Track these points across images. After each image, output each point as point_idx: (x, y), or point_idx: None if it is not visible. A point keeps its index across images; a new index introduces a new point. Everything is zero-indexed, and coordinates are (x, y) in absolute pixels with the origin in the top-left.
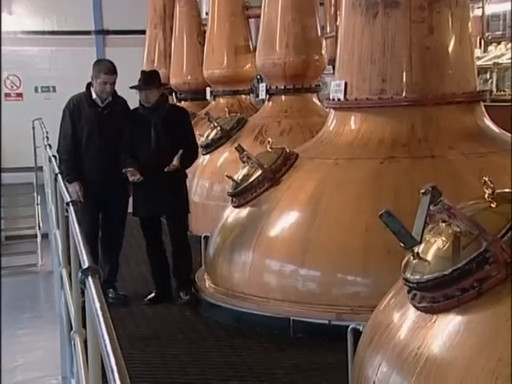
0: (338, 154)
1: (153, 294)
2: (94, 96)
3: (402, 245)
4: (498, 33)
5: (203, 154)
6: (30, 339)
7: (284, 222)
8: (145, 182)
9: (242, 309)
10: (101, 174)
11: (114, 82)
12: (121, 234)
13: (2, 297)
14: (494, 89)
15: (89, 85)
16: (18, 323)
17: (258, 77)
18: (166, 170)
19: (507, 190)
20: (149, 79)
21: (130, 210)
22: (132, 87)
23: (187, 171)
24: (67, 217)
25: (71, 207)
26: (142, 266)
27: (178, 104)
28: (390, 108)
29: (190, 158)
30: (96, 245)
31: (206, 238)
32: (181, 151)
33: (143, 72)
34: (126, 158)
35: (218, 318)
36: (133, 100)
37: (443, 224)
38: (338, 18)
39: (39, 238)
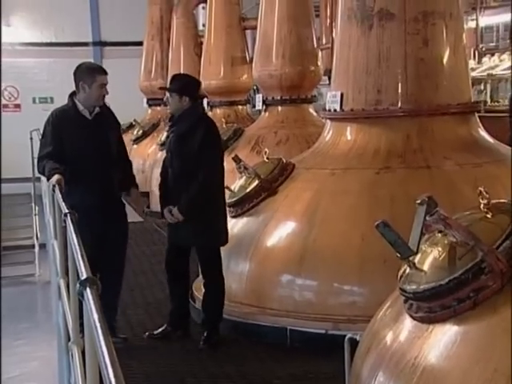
0: (335, 165)
1: (161, 328)
2: (81, 108)
3: (399, 255)
4: (491, 44)
5: None
6: (27, 349)
7: (281, 231)
8: (170, 205)
9: (239, 318)
10: (98, 197)
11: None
12: (121, 272)
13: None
14: (488, 99)
15: (71, 96)
16: (15, 333)
17: (255, 87)
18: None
19: (502, 200)
20: (170, 81)
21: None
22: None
23: None
24: (65, 227)
25: (69, 218)
26: (139, 275)
27: (208, 119)
28: (386, 119)
29: (195, 195)
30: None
31: None
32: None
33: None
34: (160, 186)
35: None
36: (131, 113)
37: (439, 234)
38: (334, 30)
39: (37, 249)
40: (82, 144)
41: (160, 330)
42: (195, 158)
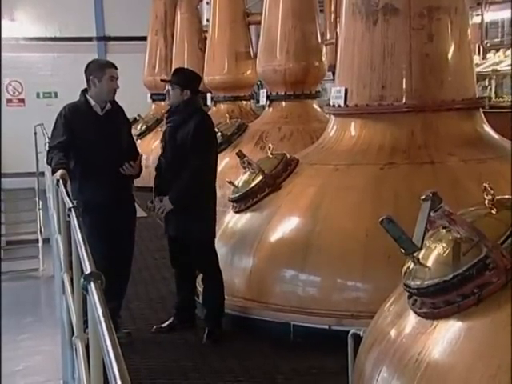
0: (338, 160)
1: (168, 321)
2: (93, 103)
3: (403, 251)
4: (496, 40)
5: None
6: (31, 344)
7: (284, 227)
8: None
9: (243, 314)
10: (109, 193)
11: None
12: (129, 268)
13: (1, 301)
14: (493, 95)
15: (83, 92)
16: (19, 328)
17: (259, 83)
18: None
19: (507, 196)
20: (173, 74)
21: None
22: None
23: None
24: (69, 222)
25: (73, 212)
26: (143, 271)
27: (203, 112)
28: (390, 114)
29: (185, 184)
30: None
31: None
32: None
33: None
34: (155, 180)
35: None
36: (135, 108)
37: (443, 230)
38: (338, 25)
39: (41, 243)
40: (92, 139)
41: (167, 322)
42: (187, 147)
